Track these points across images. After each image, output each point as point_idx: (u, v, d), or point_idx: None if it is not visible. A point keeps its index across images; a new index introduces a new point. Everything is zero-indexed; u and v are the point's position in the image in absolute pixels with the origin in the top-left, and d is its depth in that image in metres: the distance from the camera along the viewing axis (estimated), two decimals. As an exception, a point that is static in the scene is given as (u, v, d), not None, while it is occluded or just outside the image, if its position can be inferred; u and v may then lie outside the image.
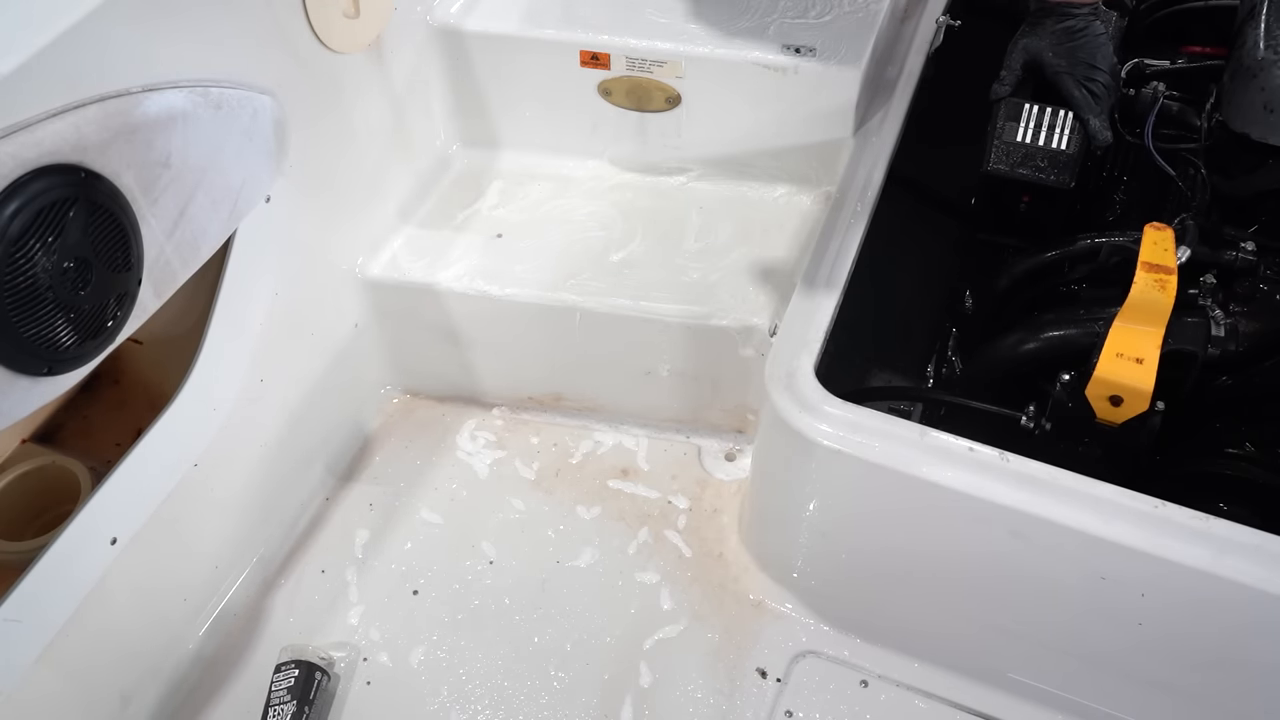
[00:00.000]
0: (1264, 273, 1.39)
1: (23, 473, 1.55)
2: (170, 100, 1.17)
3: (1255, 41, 1.35)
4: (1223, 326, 1.34)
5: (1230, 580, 1.12)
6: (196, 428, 1.42)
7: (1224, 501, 1.32)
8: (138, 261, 1.14)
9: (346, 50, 1.54)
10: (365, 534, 1.66)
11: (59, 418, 1.69)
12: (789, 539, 1.49)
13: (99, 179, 1.07)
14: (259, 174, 1.36)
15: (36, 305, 1.01)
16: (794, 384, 1.31)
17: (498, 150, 1.95)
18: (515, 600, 1.56)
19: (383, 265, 1.72)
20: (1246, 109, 1.35)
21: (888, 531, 1.23)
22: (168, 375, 1.40)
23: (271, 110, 1.35)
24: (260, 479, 1.59)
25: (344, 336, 1.72)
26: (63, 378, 1.08)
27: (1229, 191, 1.45)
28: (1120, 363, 1.28)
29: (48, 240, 1.01)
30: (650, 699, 1.44)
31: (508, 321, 1.71)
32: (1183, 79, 1.59)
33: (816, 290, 1.40)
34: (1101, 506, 1.17)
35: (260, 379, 1.52)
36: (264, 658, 1.49)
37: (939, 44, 1.76)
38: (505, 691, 1.46)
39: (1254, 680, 1.22)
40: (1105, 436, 1.33)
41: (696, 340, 1.64)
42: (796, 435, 1.29)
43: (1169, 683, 1.28)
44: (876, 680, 1.44)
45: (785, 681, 1.44)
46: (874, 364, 1.67)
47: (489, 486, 1.72)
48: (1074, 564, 1.21)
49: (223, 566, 1.56)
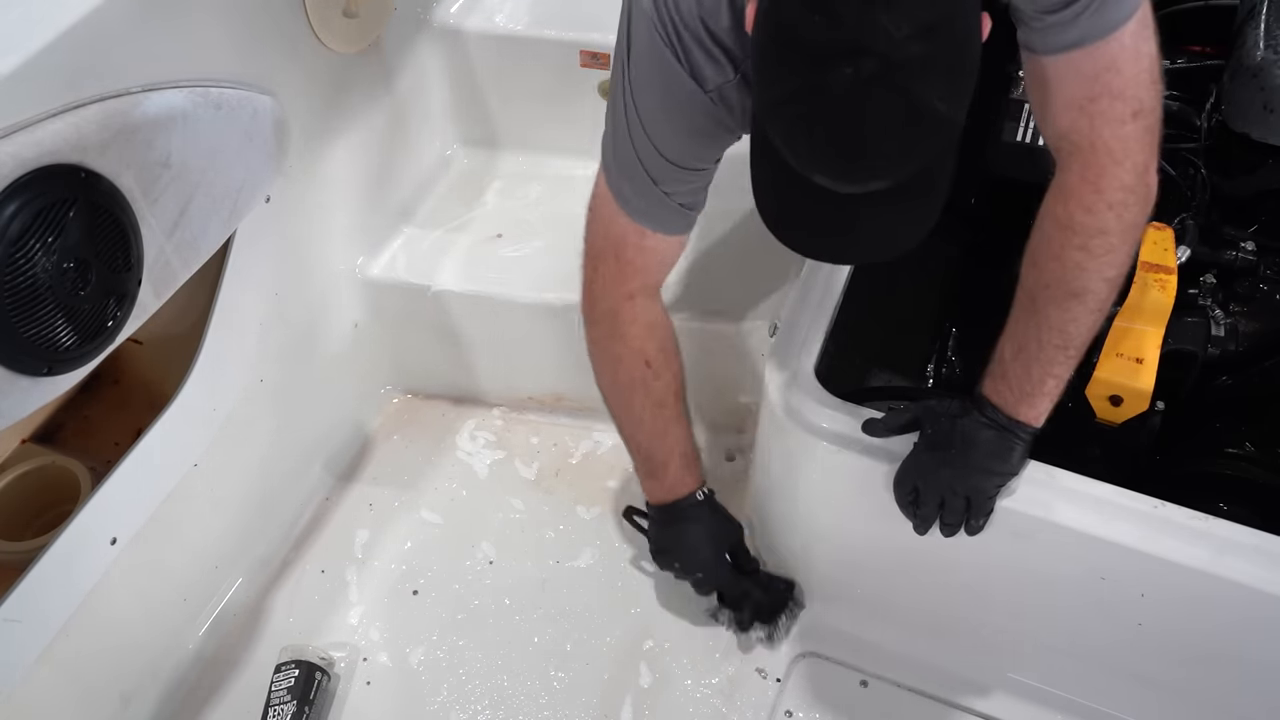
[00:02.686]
0: (1264, 273, 1.39)
1: (23, 473, 1.55)
2: (170, 100, 1.17)
3: (1255, 41, 1.35)
4: (1223, 326, 1.34)
5: (1230, 580, 1.12)
6: (196, 428, 1.42)
7: (1224, 501, 1.31)
8: (138, 261, 1.14)
9: (346, 50, 1.54)
10: (365, 534, 1.66)
11: (59, 418, 1.69)
12: (789, 539, 1.49)
13: (99, 179, 1.07)
14: (259, 174, 1.36)
15: (36, 305, 1.01)
16: (794, 384, 1.31)
17: (498, 150, 1.96)
18: (515, 600, 1.56)
19: (383, 265, 1.72)
20: (1246, 109, 1.35)
21: (888, 531, 1.23)
22: (168, 375, 1.40)
23: (271, 110, 1.35)
24: (260, 479, 1.59)
25: (344, 336, 1.72)
26: (63, 378, 1.08)
27: (1229, 191, 1.45)
28: (1120, 363, 1.28)
29: (48, 240, 1.01)
30: (650, 699, 1.44)
31: (508, 321, 1.71)
32: (1183, 79, 1.59)
33: (816, 290, 1.40)
34: (1101, 506, 1.17)
35: (260, 379, 1.52)
36: (264, 658, 1.49)
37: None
38: (505, 691, 1.46)
39: (1254, 679, 1.22)
40: (1105, 436, 1.33)
41: (696, 340, 1.64)
42: (796, 435, 1.29)
43: (1169, 682, 1.28)
44: (876, 680, 1.44)
45: (785, 681, 1.44)
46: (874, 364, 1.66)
47: (489, 486, 1.72)
48: (1074, 564, 1.21)
49: (223, 566, 1.56)
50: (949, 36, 0.80)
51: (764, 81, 0.87)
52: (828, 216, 0.90)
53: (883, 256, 0.96)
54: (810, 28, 0.79)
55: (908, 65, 0.78)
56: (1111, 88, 0.98)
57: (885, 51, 0.77)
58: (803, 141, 0.85)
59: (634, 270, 1.25)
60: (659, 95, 1.09)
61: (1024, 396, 1.10)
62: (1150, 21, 0.98)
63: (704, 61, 1.06)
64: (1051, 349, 1.08)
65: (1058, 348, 1.08)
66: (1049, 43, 0.98)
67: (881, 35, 0.77)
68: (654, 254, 1.25)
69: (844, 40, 0.78)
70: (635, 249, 1.23)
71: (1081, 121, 1.01)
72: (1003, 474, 1.15)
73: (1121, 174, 1.01)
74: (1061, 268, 1.05)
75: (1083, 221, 1.03)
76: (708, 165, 1.17)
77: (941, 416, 1.16)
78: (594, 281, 1.28)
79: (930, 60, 0.79)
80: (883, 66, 0.77)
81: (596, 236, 1.26)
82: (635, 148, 1.13)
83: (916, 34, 0.77)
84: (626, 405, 1.35)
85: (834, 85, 0.78)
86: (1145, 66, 0.98)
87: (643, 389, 1.32)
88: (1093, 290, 1.05)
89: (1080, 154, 1.02)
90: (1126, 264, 1.06)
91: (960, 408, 1.15)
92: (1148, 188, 1.03)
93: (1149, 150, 1.02)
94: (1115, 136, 1.00)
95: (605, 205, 1.22)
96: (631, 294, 1.27)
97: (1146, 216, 1.04)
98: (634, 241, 1.23)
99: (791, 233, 0.96)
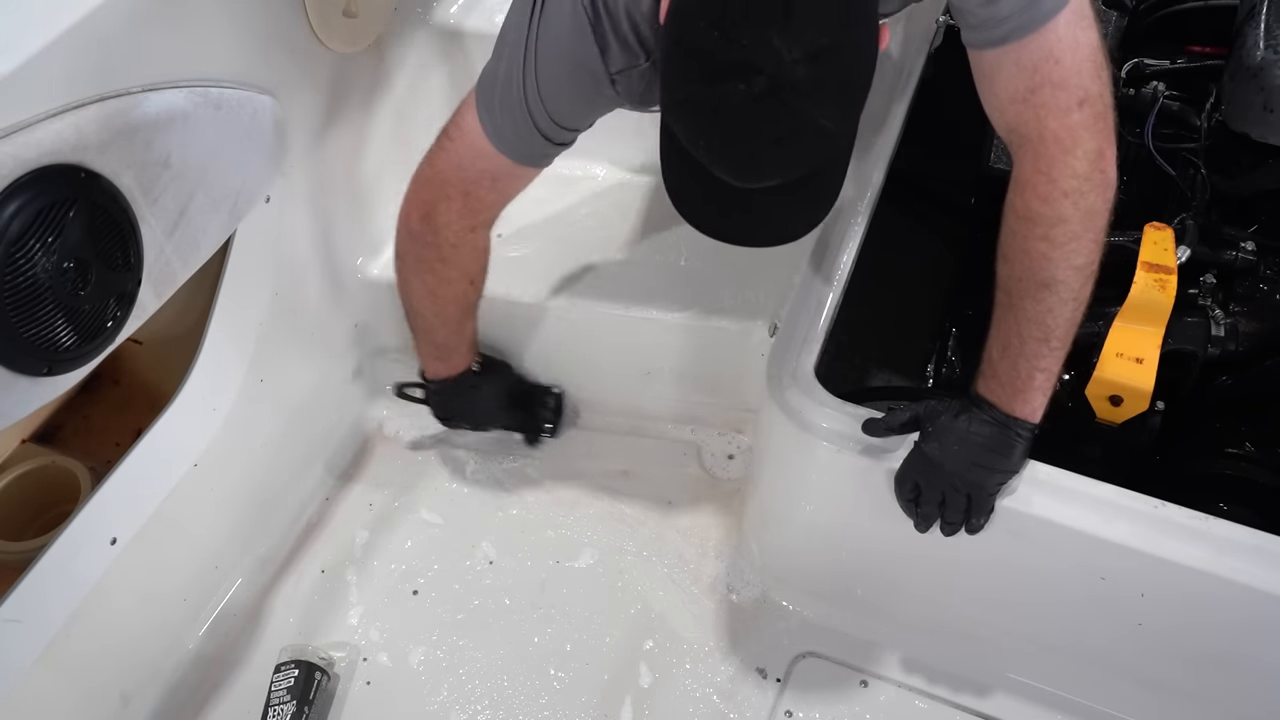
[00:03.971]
0: (1264, 273, 1.39)
1: (23, 473, 1.55)
2: (170, 100, 1.17)
3: (1255, 41, 1.35)
4: (1223, 326, 1.34)
5: (1230, 580, 1.12)
6: (196, 428, 1.42)
7: (1224, 501, 1.32)
8: (138, 261, 1.14)
9: (346, 50, 1.54)
10: (365, 534, 1.66)
11: (59, 418, 1.69)
12: (789, 539, 1.49)
13: (99, 179, 1.07)
14: (259, 174, 1.36)
15: (36, 305, 1.01)
16: (794, 384, 1.31)
17: (498, 150, 1.95)
18: (515, 600, 1.56)
19: (383, 265, 1.72)
20: (1246, 109, 1.35)
21: (888, 531, 1.23)
22: (168, 375, 1.40)
23: (271, 110, 1.35)
24: (260, 479, 1.59)
25: (344, 336, 1.72)
26: (63, 378, 1.08)
27: (1229, 191, 1.45)
28: (1120, 363, 1.28)
29: (48, 240, 1.01)
30: (650, 699, 1.44)
31: (507, 321, 1.71)
32: (1182, 79, 1.59)
33: (816, 290, 1.40)
34: (1101, 506, 1.17)
35: (260, 379, 1.52)
36: (264, 658, 1.49)
37: (939, 44, 1.76)
38: (505, 691, 1.46)
39: (1254, 680, 1.22)
40: (1105, 436, 1.33)
41: (696, 340, 1.64)
42: (796, 435, 1.29)
43: (1168, 682, 1.28)
44: (876, 680, 1.43)
45: (785, 681, 1.44)
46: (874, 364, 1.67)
47: (489, 486, 1.72)
48: (1074, 564, 1.21)
49: (223, 566, 1.56)
50: (838, 59, 0.87)
51: (668, 79, 0.94)
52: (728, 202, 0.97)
53: (782, 240, 1.04)
54: (709, 42, 0.86)
55: (797, 86, 0.85)
56: (1052, 78, 1.00)
57: (775, 73, 0.84)
58: (701, 143, 0.93)
59: (484, 206, 1.34)
60: (564, 61, 1.14)
61: (1015, 393, 1.11)
62: (1087, 11, 1.00)
63: (616, 45, 1.12)
64: (1033, 342, 1.09)
65: (1039, 340, 1.09)
66: (985, 37, 1.02)
67: (773, 57, 0.83)
68: (507, 191, 1.33)
69: (738, 59, 0.84)
70: (489, 187, 1.31)
71: (1027, 113, 1.03)
72: (1004, 471, 1.15)
73: (1073, 162, 1.03)
74: (1029, 259, 1.07)
75: (1040, 211, 1.05)
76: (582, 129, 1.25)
77: (942, 415, 1.16)
78: (438, 211, 1.34)
79: (819, 81, 0.86)
80: (772, 85, 0.84)
81: (450, 169, 1.31)
82: (525, 95, 1.17)
83: (806, 58, 0.84)
84: (439, 310, 1.48)
85: (728, 97, 0.86)
86: (1085, 55, 1.00)
87: (460, 299, 1.47)
88: (1062, 280, 1.06)
89: (1030, 145, 1.04)
90: (1095, 251, 1.07)
91: (960, 406, 1.15)
92: (1103, 174, 1.04)
93: (1101, 136, 1.03)
94: (1062, 126, 1.02)
95: (471, 140, 1.26)
96: (475, 227, 1.37)
97: (1108, 203, 1.06)
98: (490, 180, 1.30)
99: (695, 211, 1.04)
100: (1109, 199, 1.06)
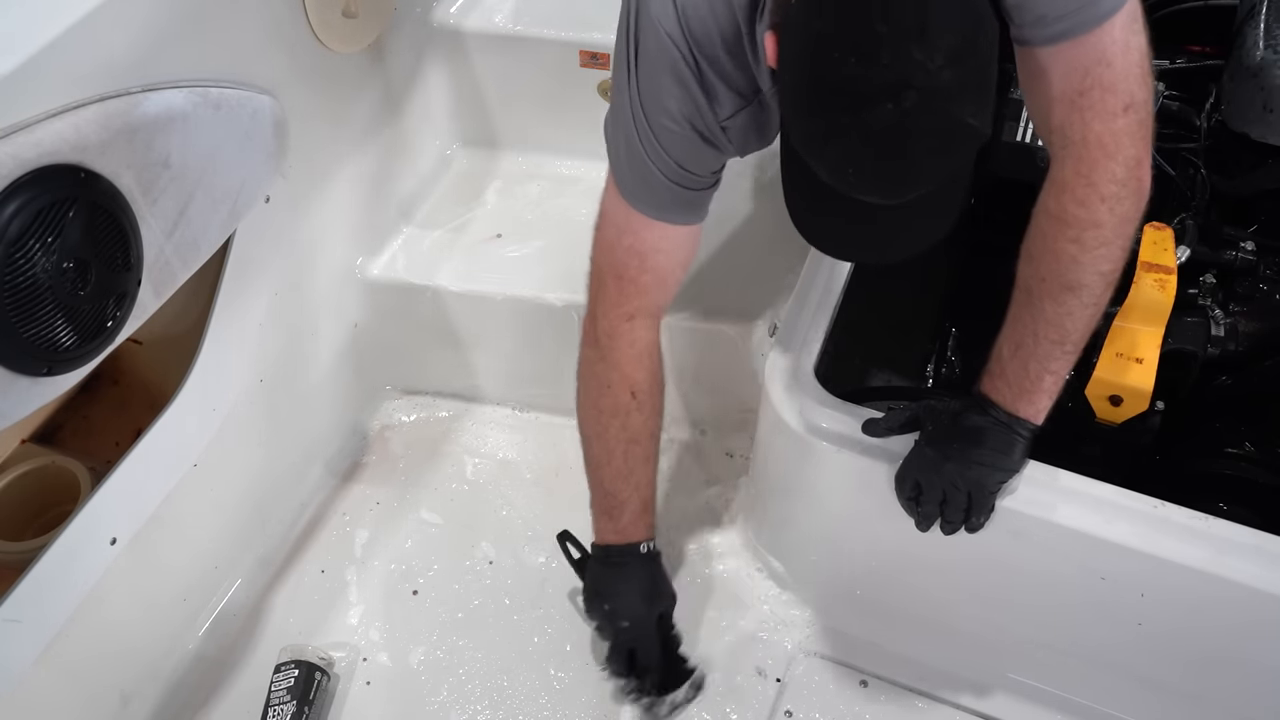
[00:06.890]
0: (1264, 272, 1.39)
1: (23, 473, 1.55)
2: (170, 100, 1.17)
3: (1255, 41, 1.35)
4: (1223, 326, 1.34)
5: (1230, 580, 1.12)
6: (196, 428, 1.41)
7: (1224, 501, 1.32)
8: (137, 261, 1.14)
9: (346, 50, 1.54)
10: (365, 534, 1.66)
11: (59, 418, 1.69)
12: (789, 539, 1.49)
13: (99, 179, 1.07)
14: (259, 174, 1.36)
15: (36, 305, 1.01)
16: (794, 384, 1.31)
17: (498, 150, 1.96)
18: (515, 600, 1.56)
19: (382, 265, 1.72)
20: (1246, 109, 1.35)
21: (888, 531, 1.23)
22: (168, 375, 1.40)
23: (271, 110, 1.35)
24: (260, 479, 1.59)
25: (344, 336, 1.72)
26: (63, 378, 1.08)
27: (1229, 191, 1.45)
28: (1120, 363, 1.28)
29: (47, 240, 1.01)
30: (650, 699, 1.44)
31: (508, 321, 1.71)
32: (1183, 79, 1.59)
33: (816, 290, 1.40)
34: (1101, 506, 1.17)
35: (260, 379, 1.52)
36: (264, 658, 1.49)
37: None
38: (505, 691, 1.46)
39: (1253, 680, 1.22)
40: (1105, 436, 1.33)
41: (696, 340, 1.64)
42: (796, 435, 1.29)
43: (1169, 682, 1.28)
44: (876, 680, 1.43)
45: (785, 681, 1.44)
46: (874, 364, 1.67)
47: (489, 486, 1.72)
48: (1074, 564, 1.21)
49: (223, 566, 1.56)
50: (974, 56, 0.87)
51: (803, 120, 0.93)
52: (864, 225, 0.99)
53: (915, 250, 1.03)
54: (850, 69, 0.85)
55: (945, 91, 0.84)
56: (1102, 81, 0.99)
57: (924, 84, 0.83)
58: (851, 172, 0.91)
59: (636, 290, 1.25)
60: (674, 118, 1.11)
61: (1022, 393, 1.11)
62: (1139, 15, 0.99)
63: (723, 89, 1.09)
64: (1048, 344, 1.08)
65: (1054, 343, 1.08)
66: (1040, 34, 1.00)
67: (919, 70, 0.83)
68: (660, 269, 1.25)
69: (883, 80, 0.84)
70: (639, 266, 1.24)
71: (1073, 115, 1.02)
72: (1004, 470, 1.15)
73: (1114, 167, 1.02)
74: (1056, 261, 1.06)
75: (1076, 214, 1.04)
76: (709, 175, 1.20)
77: (942, 413, 1.16)
78: (595, 302, 1.29)
79: (962, 83, 0.85)
80: (923, 97, 0.83)
81: (600, 255, 1.27)
82: (645, 151, 1.14)
83: (949, 62, 0.83)
84: (601, 434, 1.34)
85: (879, 120, 0.84)
86: (1135, 60, 1.00)
87: (622, 419, 1.31)
88: (1087, 284, 1.06)
89: (1073, 148, 1.03)
90: (1121, 259, 1.06)
91: (961, 405, 1.15)
92: (1140, 181, 1.04)
93: (1141, 144, 1.03)
94: (1107, 130, 1.01)
95: (611, 216, 1.23)
96: (631, 314, 1.27)
97: (1141, 211, 1.05)
98: (638, 259, 1.23)
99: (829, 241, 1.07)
100: (1141, 208, 1.05)
